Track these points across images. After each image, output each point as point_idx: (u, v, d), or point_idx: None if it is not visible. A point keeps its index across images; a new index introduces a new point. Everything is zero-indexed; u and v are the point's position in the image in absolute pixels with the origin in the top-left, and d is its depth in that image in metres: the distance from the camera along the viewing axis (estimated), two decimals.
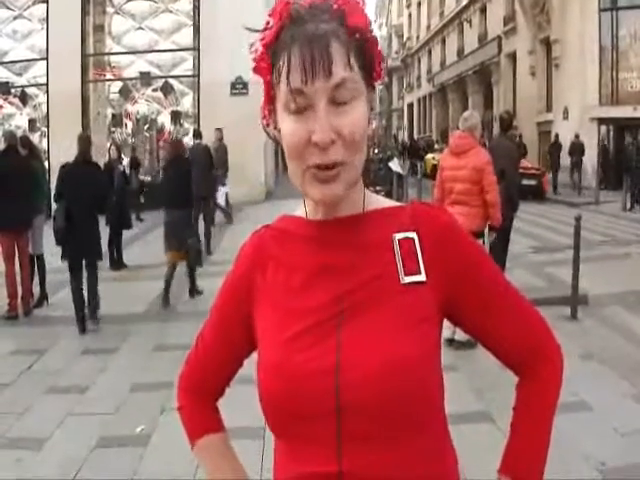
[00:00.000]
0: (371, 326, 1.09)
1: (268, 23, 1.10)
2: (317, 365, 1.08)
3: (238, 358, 1.30)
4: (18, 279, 7.58)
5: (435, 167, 33.13)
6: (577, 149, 21.11)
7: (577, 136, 21.15)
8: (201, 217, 11.28)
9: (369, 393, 1.05)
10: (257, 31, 1.12)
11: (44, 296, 8.24)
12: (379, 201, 1.22)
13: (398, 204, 1.23)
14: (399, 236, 1.15)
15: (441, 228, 1.17)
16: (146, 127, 19.86)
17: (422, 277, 1.13)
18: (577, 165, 21.12)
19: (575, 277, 7.00)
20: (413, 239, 1.15)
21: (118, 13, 19.20)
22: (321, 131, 1.04)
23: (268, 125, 1.16)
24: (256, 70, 1.12)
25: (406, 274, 1.13)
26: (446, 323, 1.21)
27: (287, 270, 1.18)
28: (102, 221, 9.13)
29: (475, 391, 4.89)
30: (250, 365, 1.19)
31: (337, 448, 1.07)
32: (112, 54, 19.32)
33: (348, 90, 1.05)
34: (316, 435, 1.08)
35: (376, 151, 26.90)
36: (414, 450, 1.09)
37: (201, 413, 1.33)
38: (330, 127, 1.04)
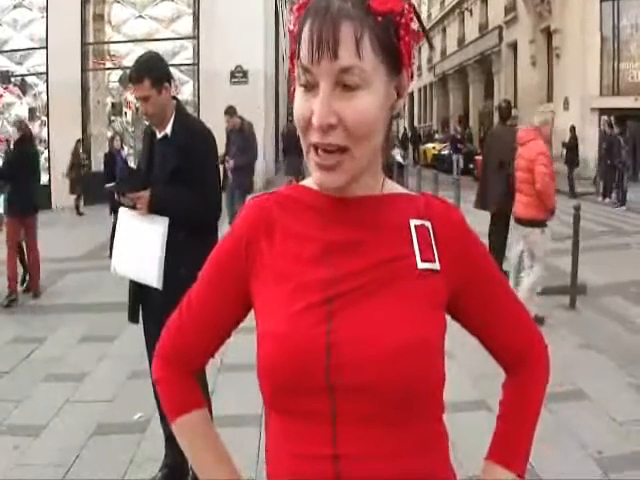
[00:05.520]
0: (385, 306, 1.07)
1: None
2: (322, 340, 1.04)
3: (228, 327, 1.23)
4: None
5: (435, 157, 32.88)
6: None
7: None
8: None
9: (369, 374, 1.02)
10: None
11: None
12: (395, 187, 1.20)
13: (411, 193, 1.22)
14: (416, 222, 1.14)
15: (453, 224, 1.18)
16: None
17: (437, 266, 1.13)
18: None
19: (574, 267, 6.99)
20: (428, 228, 1.14)
21: (118, 2, 19.06)
22: (319, 114, 1.00)
23: (294, 90, 1.10)
24: (290, 32, 1.09)
25: (422, 260, 1.12)
26: None
27: (298, 241, 1.12)
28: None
29: (471, 379, 4.89)
30: (246, 352, 1.15)
31: (332, 429, 1.04)
32: (112, 43, 19.21)
33: (356, 77, 1.00)
34: (312, 413, 1.05)
35: None
36: (414, 435, 1.08)
37: (181, 387, 1.25)
38: (330, 111, 1.00)
